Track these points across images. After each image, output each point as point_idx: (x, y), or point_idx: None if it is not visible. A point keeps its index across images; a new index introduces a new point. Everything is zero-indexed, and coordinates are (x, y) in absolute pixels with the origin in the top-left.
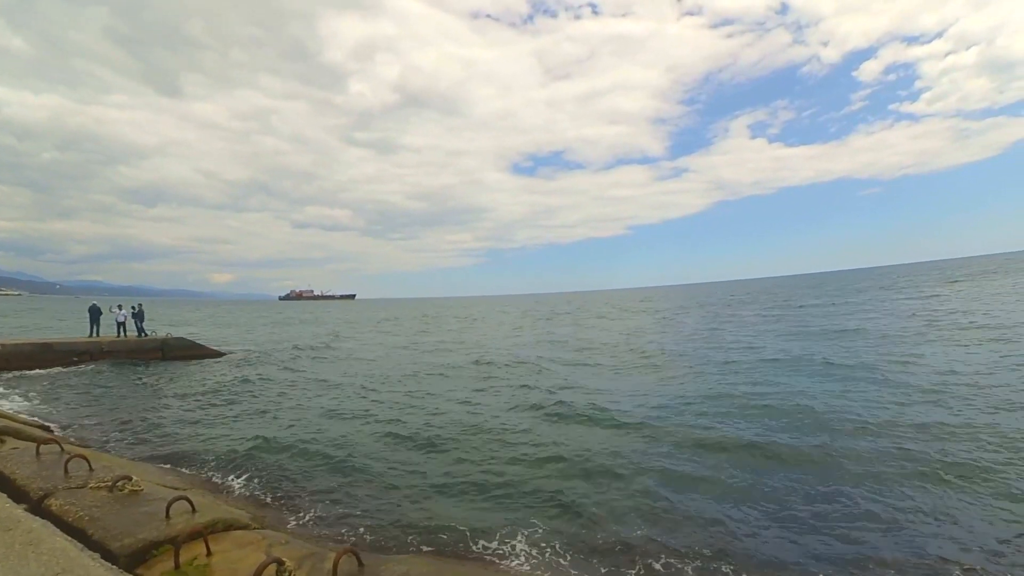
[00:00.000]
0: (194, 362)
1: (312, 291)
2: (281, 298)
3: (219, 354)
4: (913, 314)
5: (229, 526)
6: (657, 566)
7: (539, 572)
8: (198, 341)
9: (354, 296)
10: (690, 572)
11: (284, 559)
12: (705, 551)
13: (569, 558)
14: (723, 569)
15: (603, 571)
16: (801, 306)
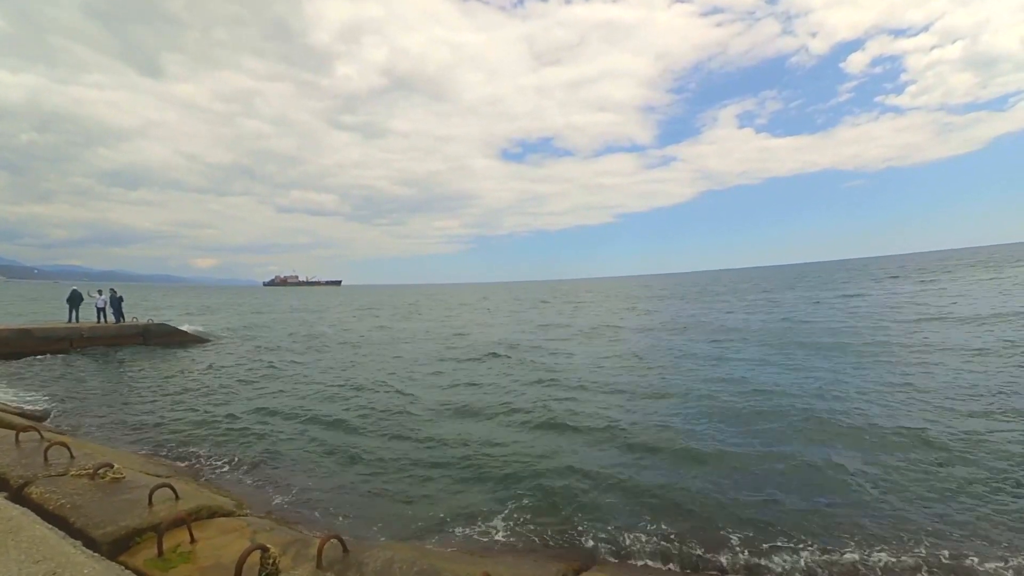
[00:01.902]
0: (176, 348)
1: (297, 277)
2: (266, 284)
3: (202, 340)
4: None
5: (213, 513)
6: (638, 549)
7: (520, 555)
8: (180, 327)
9: (340, 282)
10: (674, 556)
11: (269, 545)
12: (687, 537)
13: (551, 542)
14: (696, 551)
15: (582, 553)
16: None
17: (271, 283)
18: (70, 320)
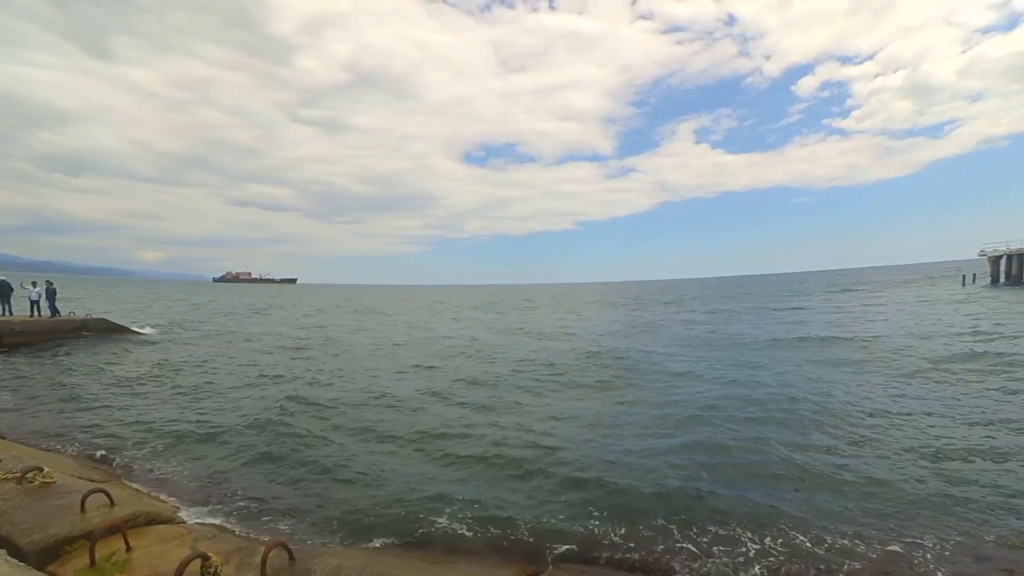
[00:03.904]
0: (116, 345)
1: (250, 273)
2: (216, 279)
3: (144, 337)
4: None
5: (151, 520)
6: (592, 552)
7: (472, 560)
8: (121, 323)
9: (295, 280)
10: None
11: (210, 554)
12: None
13: (504, 546)
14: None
15: (535, 556)
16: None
17: (222, 279)
18: (0, 313)
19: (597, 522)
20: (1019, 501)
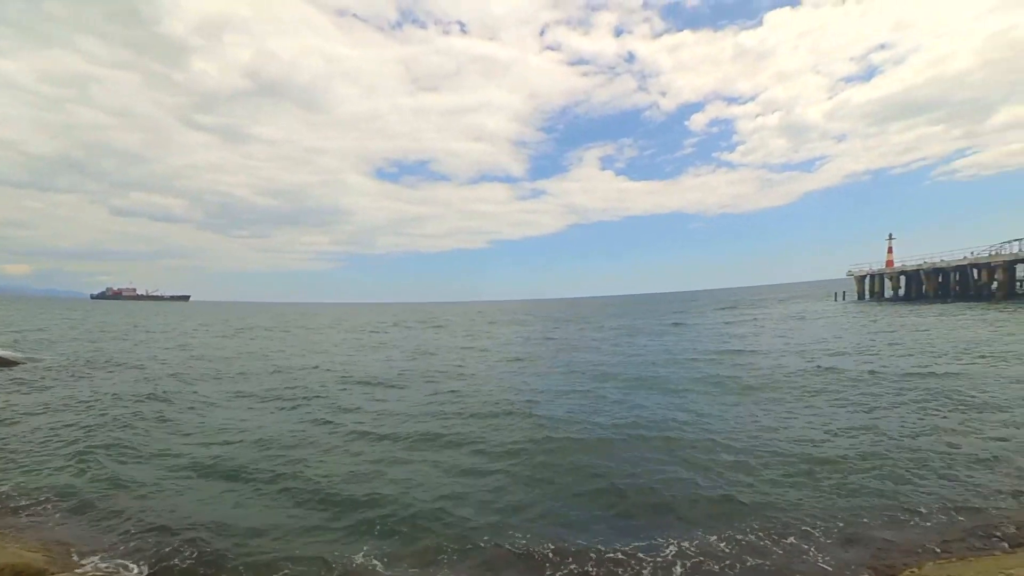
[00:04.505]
0: None
1: (134, 289)
2: (94, 296)
3: (10, 363)
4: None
5: (18, 573)
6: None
7: None
8: None
9: (188, 297)
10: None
11: None
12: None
13: (415, 571)
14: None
15: None
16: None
17: (102, 295)
18: None
19: (515, 539)
20: (886, 489)
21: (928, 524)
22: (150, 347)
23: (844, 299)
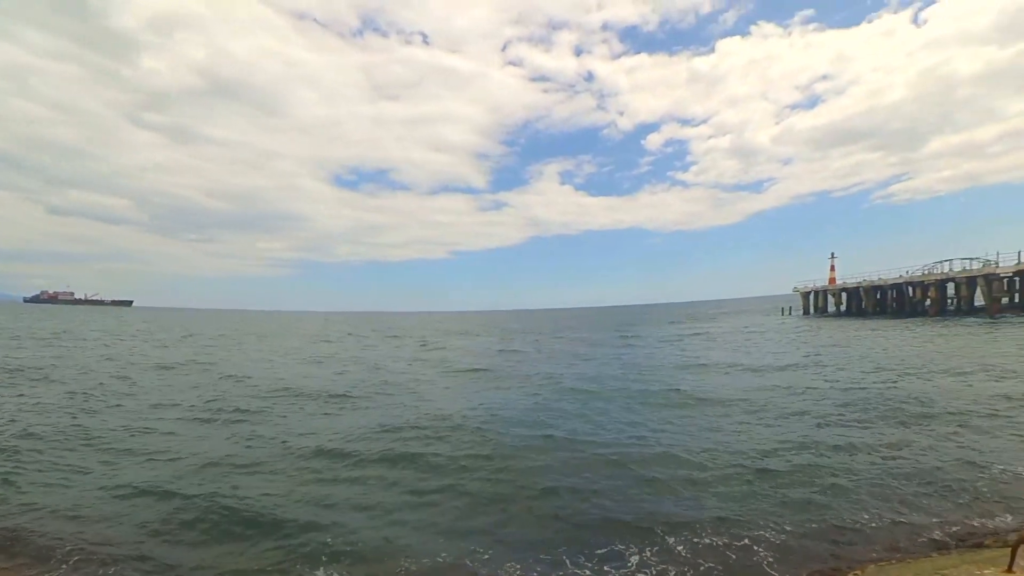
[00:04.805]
0: None
1: (72, 293)
2: (27, 299)
3: None
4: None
5: None
6: None
7: None
8: None
9: (131, 303)
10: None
11: None
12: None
13: None
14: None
15: None
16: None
17: (35, 299)
18: None
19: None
20: (830, 488)
21: (869, 531)
22: (78, 357)
23: (791, 314)
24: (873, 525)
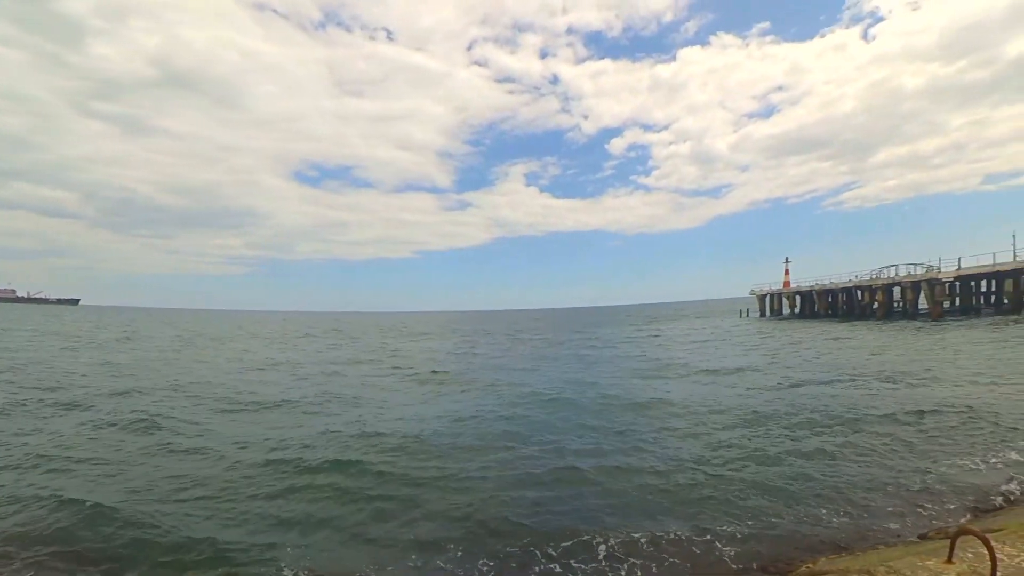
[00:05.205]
0: None
1: (14, 291)
2: None
3: None
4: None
5: None
6: None
7: None
8: None
9: (78, 301)
10: None
11: None
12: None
13: None
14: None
15: None
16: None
17: None
18: None
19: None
20: (786, 484)
21: (822, 527)
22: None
23: (748, 316)
24: (825, 522)
